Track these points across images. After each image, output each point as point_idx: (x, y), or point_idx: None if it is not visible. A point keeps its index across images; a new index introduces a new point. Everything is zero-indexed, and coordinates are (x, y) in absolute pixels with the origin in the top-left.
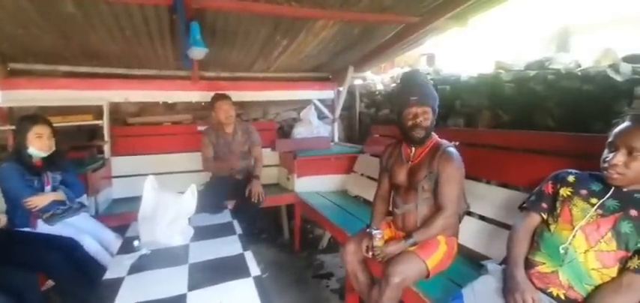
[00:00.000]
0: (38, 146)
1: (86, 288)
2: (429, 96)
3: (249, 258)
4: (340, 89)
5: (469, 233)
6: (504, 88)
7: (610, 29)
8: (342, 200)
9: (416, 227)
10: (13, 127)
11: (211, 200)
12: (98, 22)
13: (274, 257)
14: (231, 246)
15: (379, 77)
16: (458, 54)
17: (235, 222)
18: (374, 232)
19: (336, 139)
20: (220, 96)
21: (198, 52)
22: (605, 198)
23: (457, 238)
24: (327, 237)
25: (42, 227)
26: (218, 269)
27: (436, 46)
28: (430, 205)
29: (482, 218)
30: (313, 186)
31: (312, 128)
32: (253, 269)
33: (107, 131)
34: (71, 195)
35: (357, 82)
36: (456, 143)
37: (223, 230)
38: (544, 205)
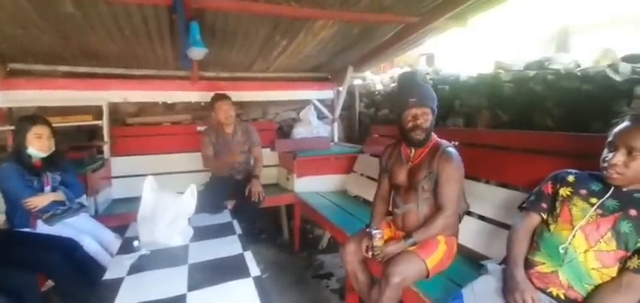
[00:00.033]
0: (38, 147)
1: (86, 288)
2: (428, 97)
3: (248, 258)
4: (340, 89)
5: (469, 233)
6: (504, 88)
7: (609, 29)
8: (342, 200)
9: (416, 227)
10: (13, 128)
11: (211, 200)
12: (97, 22)
13: (274, 257)
14: (230, 246)
15: (379, 77)
16: (457, 54)
17: (235, 222)
18: (374, 232)
19: (336, 139)
20: (220, 96)
21: (197, 52)
22: (604, 198)
23: (457, 238)
24: (327, 237)
25: (41, 227)
26: (218, 269)
27: (436, 46)
28: (430, 205)
29: (481, 218)
30: (313, 186)
31: (311, 128)
32: (253, 269)
33: (106, 131)
34: (71, 195)
35: (357, 82)
36: (456, 143)
37: (223, 230)
38: (544, 205)
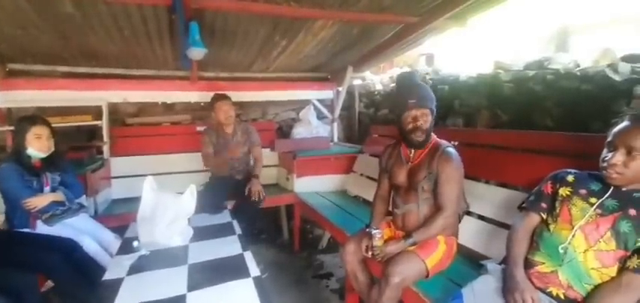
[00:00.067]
0: (37, 147)
1: (86, 289)
2: (427, 98)
3: (248, 258)
4: (339, 89)
5: (468, 233)
6: (503, 88)
7: (609, 29)
8: (342, 200)
9: (416, 227)
10: (12, 128)
11: (211, 200)
12: (97, 23)
13: (274, 257)
14: (230, 246)
15: (378, 77)
16: (457, 54)
17: (235, 222)
18: (373, 232)
19: (336, 139)
20: (220, 96)
21: (197, 53)
22: (604, 197)
23: (457, 238)
24: (327, 237)
25: (41, 228)
26: (218, 270)
27: (435, 46)
28: (430, 205)
29: (481, 218)
30: (313, 186)
31: (311, 128)
32: (253, 269)
33: (106, 132)
34: (70, 196)
35: (356, 82)
36: (455, 143)
37: (223, 231)
38: (543, 205)
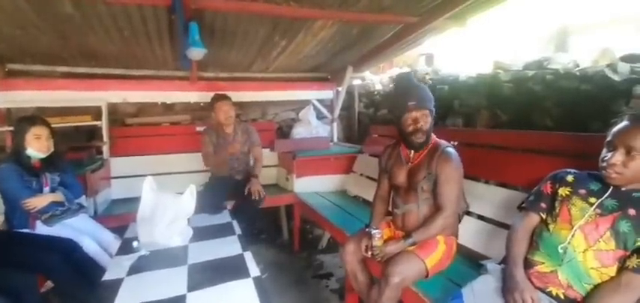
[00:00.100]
0: (37, 147)
1: (85, 289)
2: (427, 98)
3: (248, 258)
4: (339, 89)
5: (468, 233)
6: (503, 88)
7: (608, 29)
8: (342, 200)
9: (416, 227)
10: (12, 129)
11: (210, 201)
12: (96, 23)
13: (274, 258)
14: (230, 246)
15: (378, 77)
16: (456, 54)
17: (235, 222)
18: (373, 232)
19: (335, 139)
20: (220, 96)
21: (196, 53)
22: (603, 197)
23: (456, 238)
24: (327, 237)
25: (41, 228)
26: (217, 270)
27: (435, 46)
28: (430, 205)
29: (481, 218)
30: (312, 186)
31: (311, 128)
32: (253, 270)
33: (106, 132)
34: (70, 196)
35: (356, 82)
36: (455, 143)
37: (223, 231)
38: (543, 205)
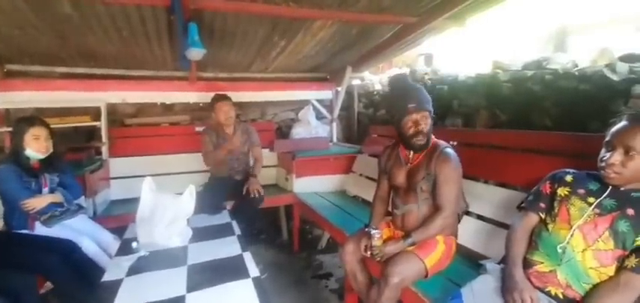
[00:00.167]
0: (35, 148)
1: (85, 290)
2: (425, 100)
3: (248, 259)
4: (338, 89)
5: (468, 233)
6: (502, 88)
7: (607, 29)
8: (341, 200)
9: (416, 227)
10: (10, 129)
11: (210, 201)
12: (95, 23)
13: (273, 258)
14: (230, 247)
15: (377, 77)
16: (456, 54)
17: (234, 223)
18: (373, 232)
19: (335, 140)
20: (220, 97)
21: (196, 53)
22: (602, 197)
23: (456, 238)
24: (326, 237)
25: (40, 229)
26: (217, 270)
27: (434, 46)
28: (430, 206)
29: (480, 218)
30: (312, 186)
31: (310, 128)
32: (252, 270)
33: (105, 132)
34: (69, 197)
35: (355, 82)
36: (454, 143)
37: (222, 231)
38: (542, 205)
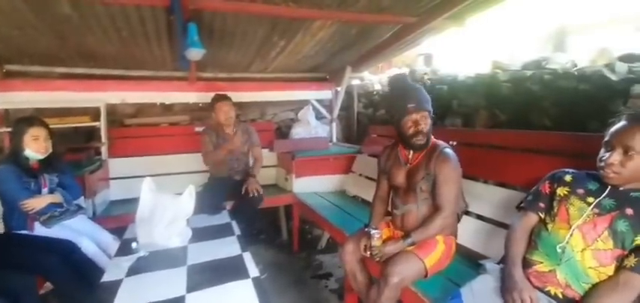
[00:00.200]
0: (35, 148)
1: (84, 290)
2: (425, 100)
3: (247, 259)
4: (338, 89)
5: (467, 233)
6: (501, 88)
7: (607, 29)
8: (341, 200)
9: (416, 227)
10: (10, 130)
11: (210, 201)
12: (94, 23)
13: (273, 258)
14: (229, 247)
15: (377, 77)
16: (455, 54)
17: (234, 223)
18: (372, 232)
19: (335, 140)
20: (220, 97)
21: (195, 53)
22: (601, 197)
23: (456, 238)
24: (326, 237)
25: (39, 230)
26: (217, 270)
27: (433, 46)
28: (429, 206)
29: (480, 218)
30: (311, 186)
31: (310, 128)
32: (252, 270)
33: (104, 133)
34: (68, 197)
35: (355, 82)
36: (453, 143)
37: (222, 231)
38: (541, 205)
